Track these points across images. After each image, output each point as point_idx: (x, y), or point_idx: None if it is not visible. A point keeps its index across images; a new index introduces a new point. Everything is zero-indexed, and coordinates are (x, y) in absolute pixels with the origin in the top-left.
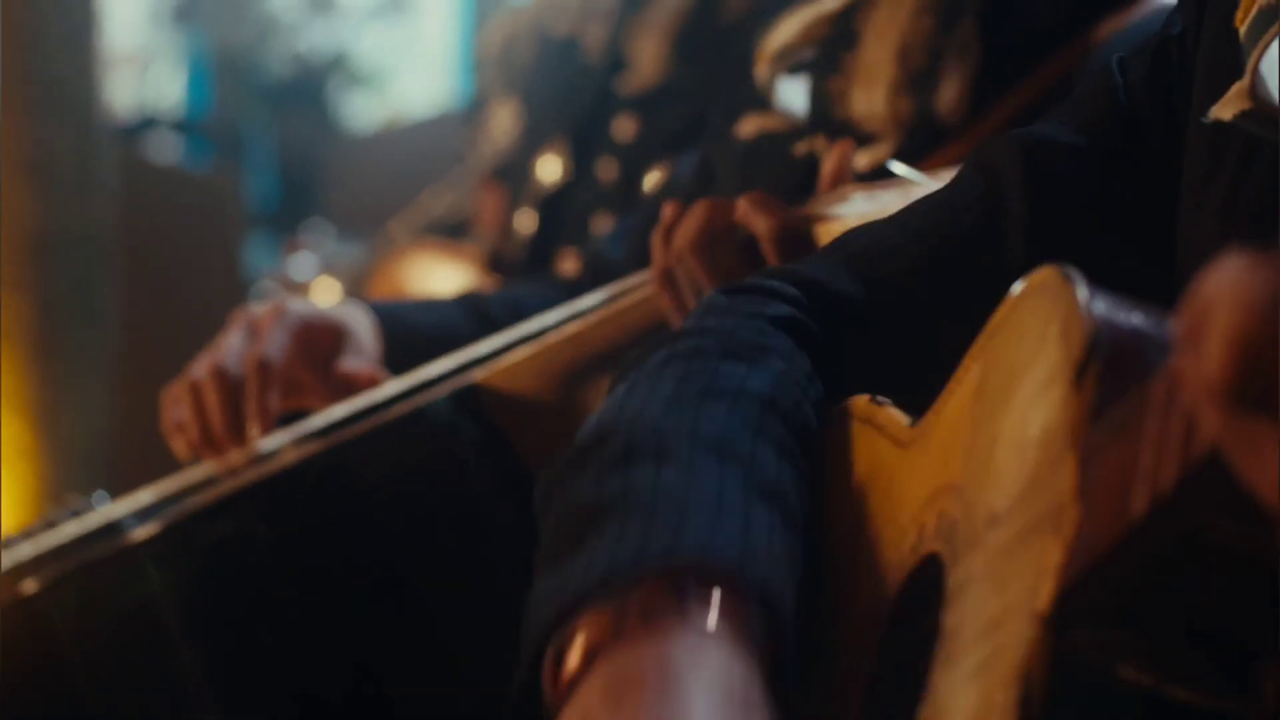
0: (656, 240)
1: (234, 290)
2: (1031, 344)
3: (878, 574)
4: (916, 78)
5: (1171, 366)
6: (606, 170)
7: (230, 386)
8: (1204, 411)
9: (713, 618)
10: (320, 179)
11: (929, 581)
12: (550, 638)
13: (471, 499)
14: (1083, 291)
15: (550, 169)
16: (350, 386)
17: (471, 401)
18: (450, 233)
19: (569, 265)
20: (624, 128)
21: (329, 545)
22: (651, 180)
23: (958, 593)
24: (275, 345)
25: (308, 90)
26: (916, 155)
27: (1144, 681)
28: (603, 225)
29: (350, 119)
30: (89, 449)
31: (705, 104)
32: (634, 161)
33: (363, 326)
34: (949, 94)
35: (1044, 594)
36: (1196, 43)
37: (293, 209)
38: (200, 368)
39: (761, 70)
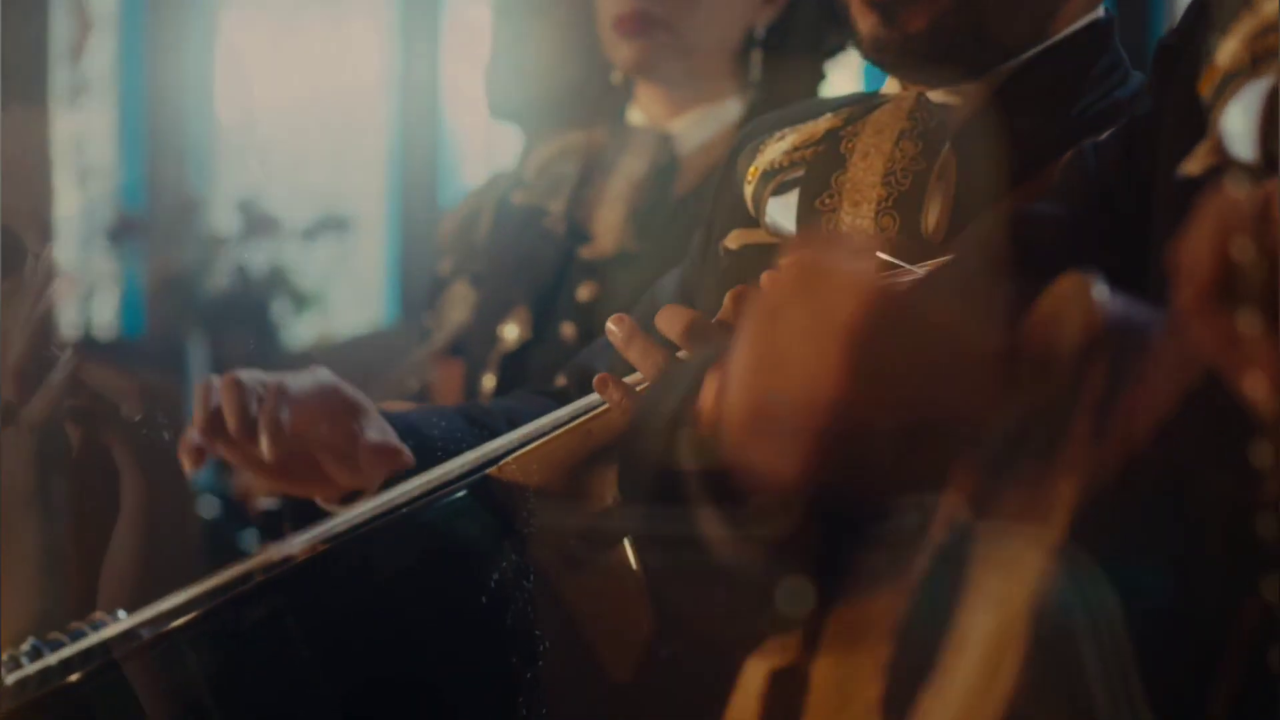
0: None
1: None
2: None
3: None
4: (901, 199)
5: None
6: (567, 331)
7: (245, 392)
8: (1194, 322)
9: None
10: None
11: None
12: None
13: (487, 583)
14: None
15: (512, 333)
16: (373, 459)
17: (485, 492)
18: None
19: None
20: (585, 292)
21: (352, 631)
22: None
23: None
24: (296, 382)
25: (245, 308)
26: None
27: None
28: (563, 382)
29: (284, 336)
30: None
31: (661, 270)
32: (593, 321)
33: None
34: (933, 214)
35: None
36: (1164, 116)
37: None
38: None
39: (749, 189)
